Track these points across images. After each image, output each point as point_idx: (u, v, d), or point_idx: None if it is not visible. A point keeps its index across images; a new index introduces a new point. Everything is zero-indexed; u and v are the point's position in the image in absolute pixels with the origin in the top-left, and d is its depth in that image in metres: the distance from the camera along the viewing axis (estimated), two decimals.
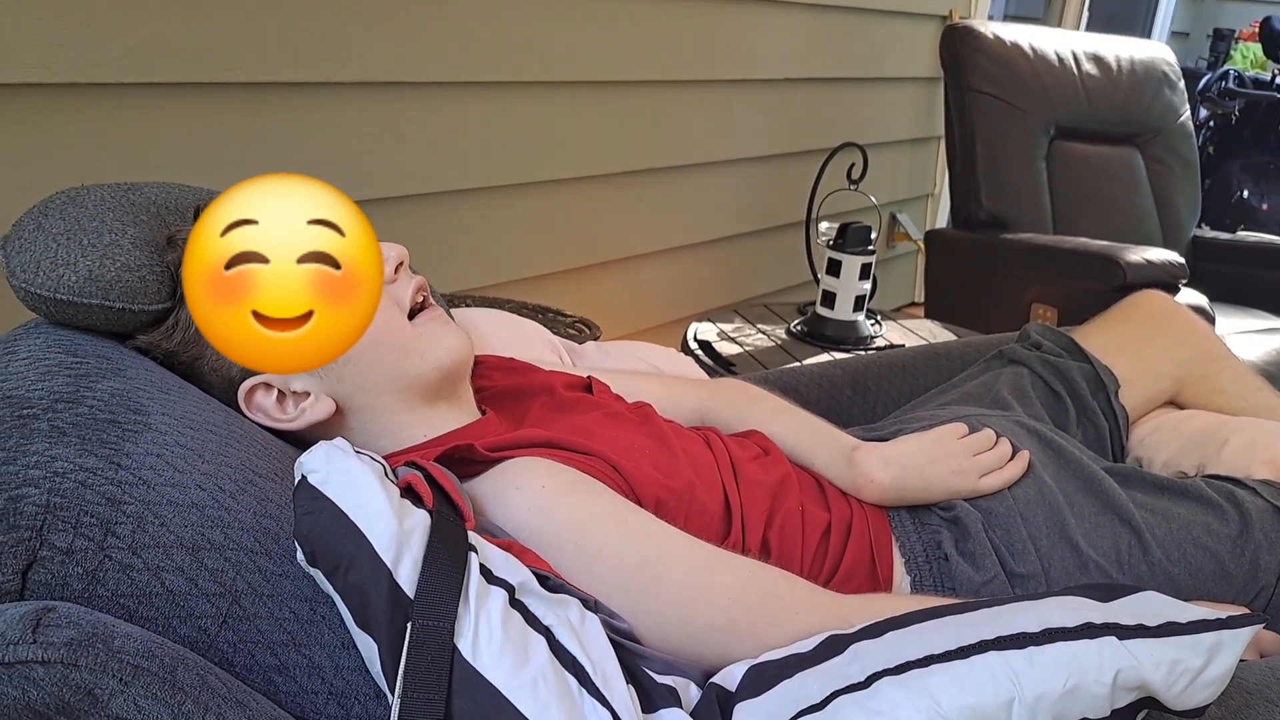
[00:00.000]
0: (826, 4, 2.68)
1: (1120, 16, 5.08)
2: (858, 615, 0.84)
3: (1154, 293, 1.44)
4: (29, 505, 0.65)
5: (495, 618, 0.70)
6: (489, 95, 1.92)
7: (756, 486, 1.02)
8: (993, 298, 2.61)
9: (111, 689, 0.58)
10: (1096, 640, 0.69)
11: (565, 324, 1.77)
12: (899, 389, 1.51)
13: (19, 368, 0.79)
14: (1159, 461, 1.27)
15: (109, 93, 1.40)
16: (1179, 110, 2.97)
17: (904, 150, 3.32)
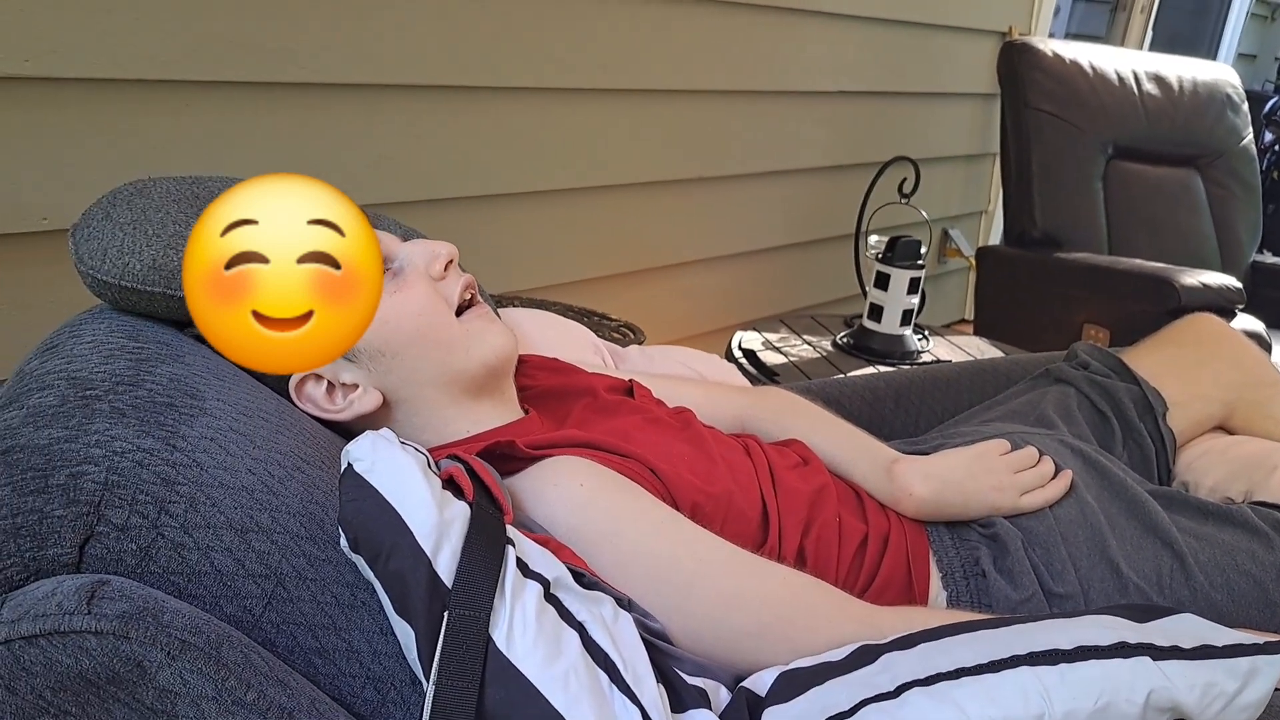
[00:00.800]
0: (884, 17, 2.67)
1: (1185, 37, 5.01)
2: (891, 626, 0.84)
3: (1206, 315, 1.43)
4: (88, 482, 0.68)
5: (530, 610, 0.72)
6: (546, 101, 1.94)
7: (794, 495, 1.02)
8: (1044, 317, 2.59)
9: (159, 661, 0.60)
10: (1130, 660, 0.69)
11: (610, 327, 1.79)
12: (942, 404, 1.50)
13: (83, 350, 0.81)
14: (1205, 486, 1.25)
15: (177, 89, 1.44)
16: (1242, 133, 2.93)
17: (958, 166, 3.30)
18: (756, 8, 2.30)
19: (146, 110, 1.42)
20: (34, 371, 0.79)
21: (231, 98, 1.50)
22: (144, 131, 1.42)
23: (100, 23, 1.33)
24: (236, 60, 1.48)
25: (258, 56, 1.50)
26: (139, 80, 1.39)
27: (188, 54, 1.42)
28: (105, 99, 1.37)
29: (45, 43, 1.29)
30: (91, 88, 1.36)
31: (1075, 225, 2.64)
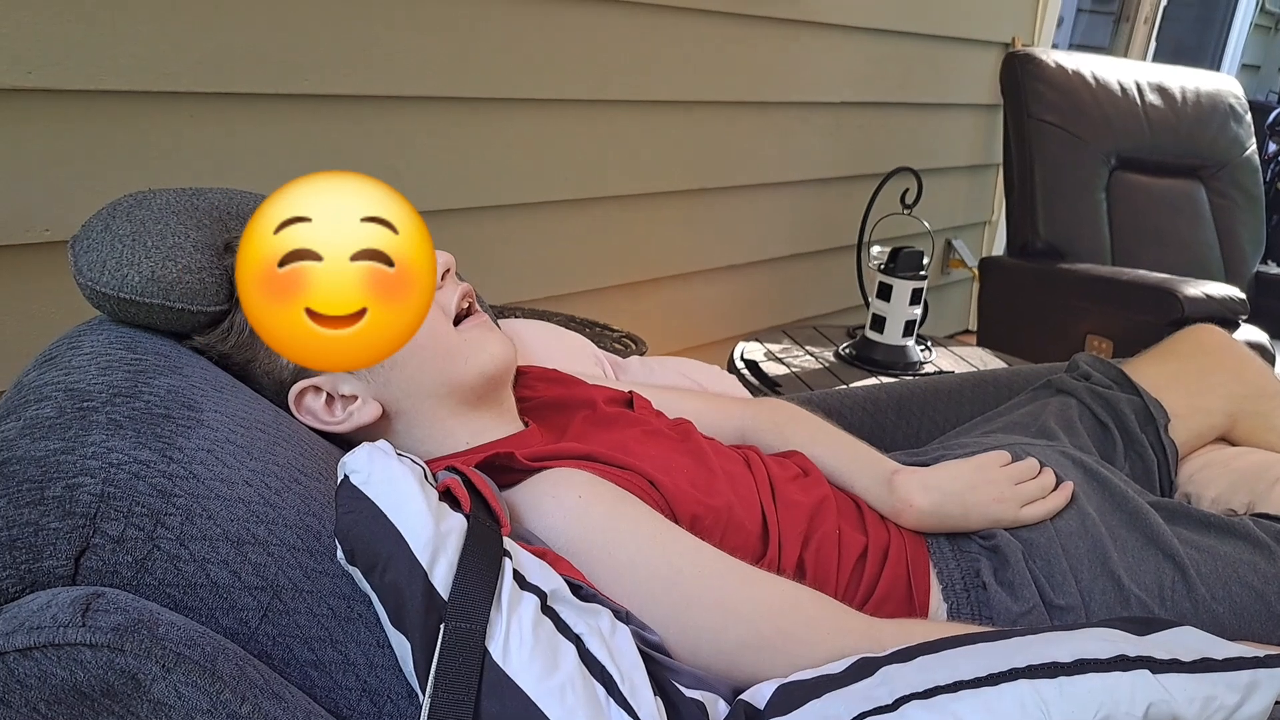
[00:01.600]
0: (887, 28, 2.68)
1: (1189, 48, 5.02)
2: (890, 639, 0.84)
3: (1208, 326, 1.42)
4: (84, 494, 0.68)
5: (526, 623, 0.72)
6: (548, 112, 1.94)
7: (794, 507, 1.02)
8: (1047, 327, 2.58)
9: (154, 674, 0.60)
10: (1129, 673, 0.68)
11: (612, 338, 1.79)
12: (944, 415, 1.50)
13: (81, 362, 0.81)
14: (1208, 498, 1.25)
15: (181, 101, 1.45)
16: (1245, 144, 2.93)
17: (962, 176, 3.30)
18: (759, 19, 2.30)
19: (150, 122, 1.42)
20: (32, 383, 0.79)
21: (235, 109, 1.50)
22: (148, 143, 1.43)
23: (104, 35, 1.34)
24: (240, 72, 1.48)
25: (262, 68, 1.50)
26: (143, 92, 1.40)
27: (192, 66, 1.43)
28: (109, 111, 1.38)
29: (49, 55, 1.30)
30: (95, 99, 1.36)
31: (1078, 236, 2.64)
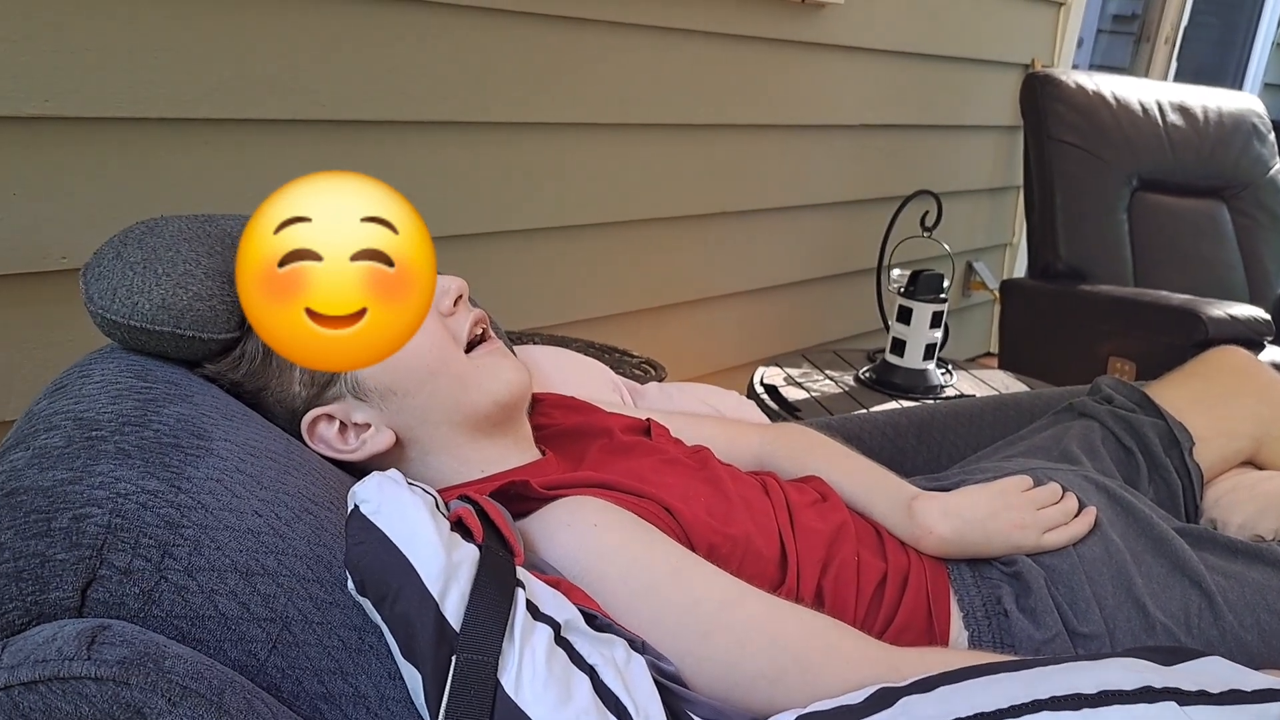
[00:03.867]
0: (907, 51, 2.68)
1: (1210, 68, 4.99)
2: (910, 668, 0.82)
3: (1233, 348, 1.40)
4: (91, 525, 0.67)
5: (540, 654, 0.70)
6: (566, 136, 1.95)
7: (812, 534, 1.01)
8: (1069, 350, 2.56)
9: (160, 708, 0.59)
10: (1155, 705, 0.67)
11: (631, 364, 1.78)
12: (965, 439, 1.48)
13: (91, 390, 0.81)
14: (1234, 524, 1.22)
15: (196, 128, 1.45)
16: (1269, 163, 2.90)
17: (982, 199, 3.29)
18: (780, 43, 2.30)
19: (166, 149, 1.43)
20: (42, 412, 0.79)
21: (250, 135, 1.51)
22: (163, 170, 1.44)
23: (119, 63, 1.35)
24: (255, 98, 1.49)
25: (277, 94, 1.51)
26: (158, 119, 1.41)
27: (208, 93, 1.44)
28: (125, 138, 1.39)
29: (64, 83, 1.30)
30: (111, 127, 1.37)
31: (1100, 257, 2.62)
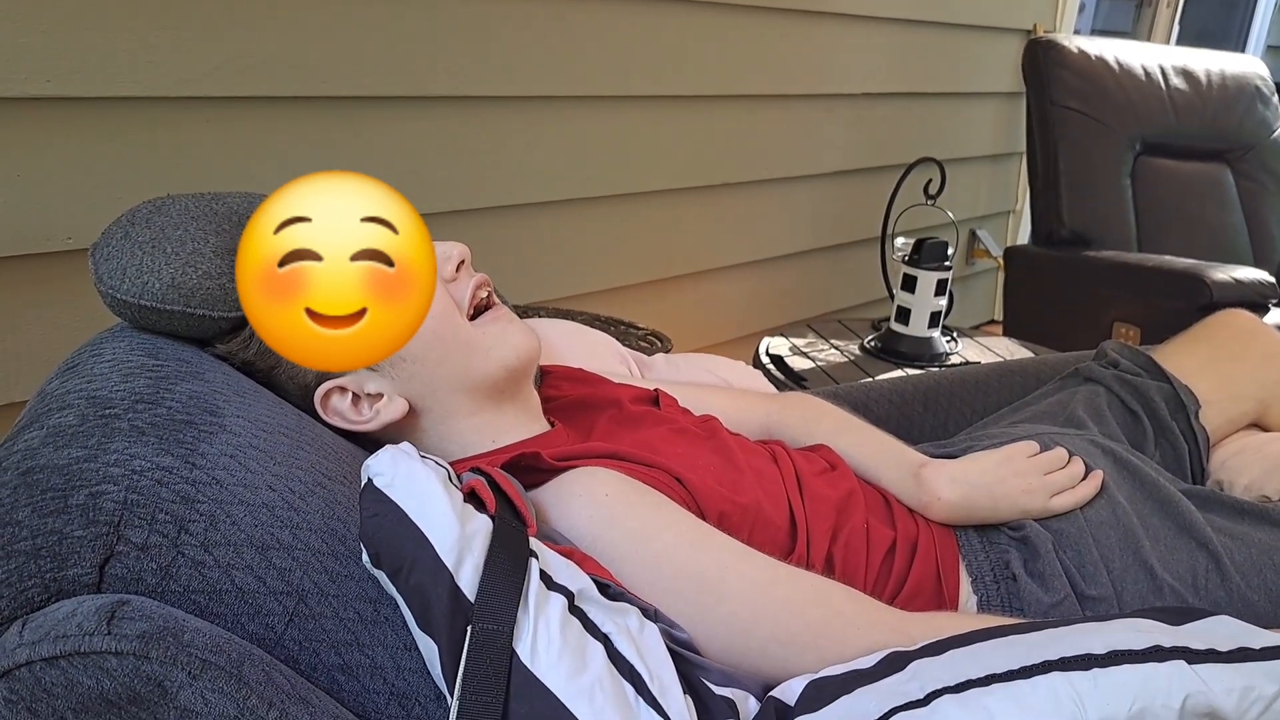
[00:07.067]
0: (909, 18, 2.66)
1: (1213, 31, 4.95)
2: (920, 633, 0.83)
3: (1238, 311, 1.40)
4: (108, 501, 0.68)
5: (554, 623, 0.71)
6: (568, 109, 1.94)
7: (822, 502, 1.01)
8: (1074, 316, 2.56)
9: (180, 681, 0.60)
10: (1165, 664, 0.67)
11: (637, 336, 1.78)
12: (971, 406, 1.48)
13: (103, 369, 0.82)
14: (1240, 485, 1.23)
15: (198, 106, 1.45)
16: (1272, 125, 2.89)
17: (985, 166, 3.28)
18: (781, 12, 2.29)
19: (170, 127, 1.43)
20: (54, 391, 0.80)
21: (254, 113, 1.51)
22: (167, 149, 1.43)
23: (122, 42, 1.34)
24: (258, 76, 1.49)
25: (279, 71, 1.51)
26: (162, 98, 1.40)
27: (210, 71, 1.43)
28: (128, 117, 1.38)
29: (67, 63, 1.30)
30: (114, 106, 1.37)
31: (1104, 223, 2.61)
